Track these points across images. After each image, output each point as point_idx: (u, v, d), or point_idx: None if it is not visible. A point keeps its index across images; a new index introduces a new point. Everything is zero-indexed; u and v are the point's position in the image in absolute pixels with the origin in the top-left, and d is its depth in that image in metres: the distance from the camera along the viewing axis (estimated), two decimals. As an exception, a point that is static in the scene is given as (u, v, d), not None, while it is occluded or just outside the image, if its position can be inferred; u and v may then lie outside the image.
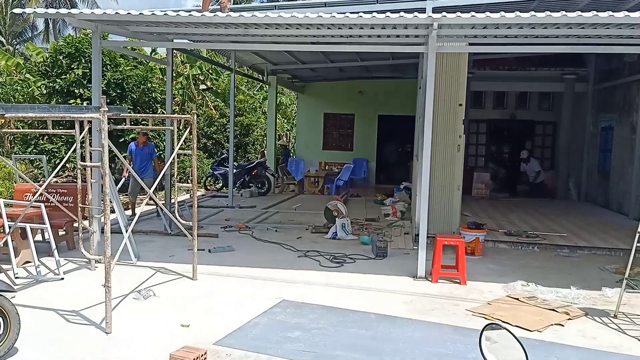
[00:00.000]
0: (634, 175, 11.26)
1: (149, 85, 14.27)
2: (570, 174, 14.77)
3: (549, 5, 8.65)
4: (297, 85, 18.17)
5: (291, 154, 21.28)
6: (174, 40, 8.99)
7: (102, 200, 5.68)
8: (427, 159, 6.71)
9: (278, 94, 19.22)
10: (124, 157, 9.40)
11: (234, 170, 13.62)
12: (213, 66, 19.70)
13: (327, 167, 17.64)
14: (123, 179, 10.67)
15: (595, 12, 5.68)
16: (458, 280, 6.49)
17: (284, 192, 15.62)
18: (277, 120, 21.18)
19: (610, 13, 5.68)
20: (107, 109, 4.57)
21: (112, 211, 6.94)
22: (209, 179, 16.01)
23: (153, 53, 18.25)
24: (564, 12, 5.75)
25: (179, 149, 6.53)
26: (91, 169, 6.32)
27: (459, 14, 6.10)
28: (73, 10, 6.52)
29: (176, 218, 6.61)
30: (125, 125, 6.74)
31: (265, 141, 19.29)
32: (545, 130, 16.28)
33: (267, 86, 16.25)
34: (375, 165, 18.16)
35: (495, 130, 16.66)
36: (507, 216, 11.27)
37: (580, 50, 7.49)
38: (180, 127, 14.82)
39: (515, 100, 16.24)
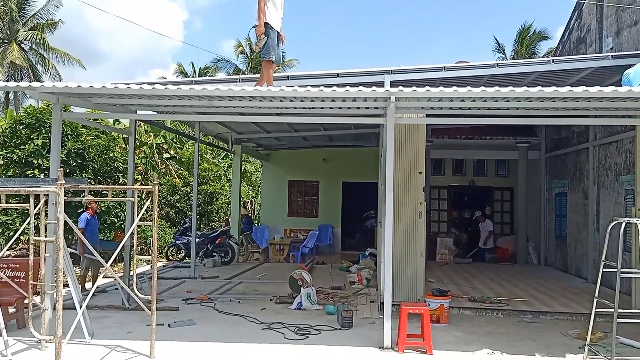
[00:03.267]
0: (590, 240, 11.61)
1: (111, 154, 14.14)
2: (530, 238, 15.12)
3: (499, 79, 9.20)
4: (262, 153, 18.36)
5: (256, 222, 21.13)
6: (138, 112, 9.03)
7: (56, 275, 5.46)
8: (389, 227, 6.77)
9: (243, 162, 19.34)
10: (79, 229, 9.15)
11: (197, 240, 13.39)
12: (177, 135, 19.80)
13: (292, 234, 17.55)
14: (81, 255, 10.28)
15: (541, 88, 6.05)
16: (424, 350, 6.39)
17: (248, 260, 15.36)
18: (242, 187, 21.19)
19: (555, 88, 6.05)
20: (64, 181, 4.50)
21: (67, 285, 6.67)
22: (171, 248, 15.66)
23: (116, 122, 18.25)
24: (512, 88, 6.09)
25: (140, 219, 6.40)
26: (45, 243, 6.11)
27: (414, 88, 6.38)
28: (34, 84, 6.52)
29: (134, 291, 6.38)
30: (84, 196, 6.61)
31: (229, 209, 19.15)
32: (504, 196, 16.76)
33: (232, 154, 16.35)
34: (340, 231, 18.21)
35: (456, 196, 17.07)
36: (470, 282, 11.33)
37: (530, 122, 7.90)
38: (143, 197, 14.62)
39: (474, 167, 16.79)
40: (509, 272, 12.99)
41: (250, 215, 19.98)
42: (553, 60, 9.26)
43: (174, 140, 20.79)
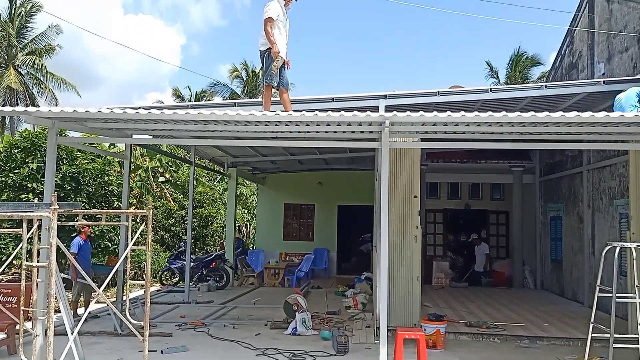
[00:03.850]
0: (585, 263, 11.59)
1: (106, 178, 14.12)
2: (526, 262, 15.08)
3: (493, 104, 9.29)
4: (257, 176, 18.38)
5: (251, 246, 21.03)
6: (134, 136, 9.06)
7: (48, 300, 5.39)
8: (384, 251, 6.75)
9: (238, 185, 19.33)
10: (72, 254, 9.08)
11: (192, 264, 13.29)
12: (173, 158, 19.82)
13: (287, 258, 17.45)
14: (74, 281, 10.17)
15: (533, 113, 6.11)
16: (420, 377, 6.31)
17: (243, 285, 15.24)
18: (238, 211, 21.12)
19: (548, 113, 6.11)
20: (57, 206, 4.48)
21: (58, 311, 6.58)
22: (165, 273, 15.52)
23: (112, 146, 18.26)
24: (505, 113, 6.15)
25: (135, 243, 6.36)
26: (37, 268, 6.04)
27: (408, 112, 6.43)
28: (30, 108, 6.54)
29: (126, 317, 6.30)
30: (78, 220, 6.58)
31: (224, 232, 19.06)
32: (499, 220, 16.77)
33: (227, 178, 16.36)
34: (336, 255, 18.13)
35: (451, 220, 17.06)
36: (466, 306, 11.26)
37: (523, 147, 7.95)
38: (137, 221, 14.54)
39: (469, 191, 16.83)
40: (505, 296, 12.92)
41: (242, 237, 19.80)
42: (545, 86, 9.38)
43: (170, 163, 20.79)
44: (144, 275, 13.86)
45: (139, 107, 6.85)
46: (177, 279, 15.11)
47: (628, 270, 7.82)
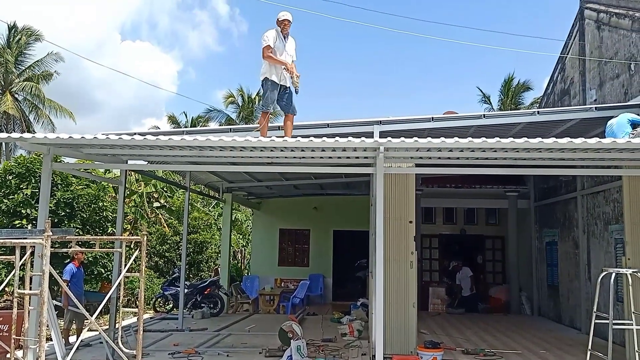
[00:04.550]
0: (582, 289, 11.53)
1: (101, 204, 14.06)
2: (522, 288, 15.01)
3: (487, 130, 9.37)
4: (252, 202, 18.34)
5: (246, 272, 20.86)
6: (129, 162, 9.06)
7: (39, 328, 5.31)
8: (380, 277, 6.71)
9: (233, 211, 19.27)
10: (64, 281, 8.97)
11: (186, 290, 13.15)
12: (168, 184, 19.80)
13: (282, 284, 17.31)
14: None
15: (526, 139, 6.17)
16: (417, 406, 6.21)
17: (237, 311, 15.07)
18: (233, 236, 21.00)
19: (541, 139, 6.17)
20: (50, 233, 4.46)
21: (50, 339, 6.48)
22: (159, 299, 15.34)
23: (107, 172, 18.26)
24: (498, 139, 6.21)
25: (128, 270, 6.30)
26: (30, 296, 5.97)
27: (403, 138, 6.48)
28: (25, 135, 6.55)
29: (119, 345, 6.20)
30: (71, 246, 6.54)
31: (219, 258, 18.92)
32: (495, 245, 16.74)
33: (222, 203, 16.32)
34: (331, 280, 17.99)
35: (447, 245, 17.02)
36: (463, 333, 11.15)
37: (517, 172, 7.99)
38: (132, 246, 14.44)
39: (464, 216, 16.83)
40: (502, 322, 12.82)
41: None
42: (538, 112, 9.48)
43: (165, 189, 20.77)
44: (137, 302, 13.73)
45: (135, 133, 6.88)
46: (171, 305, 14.93)
47: (625, 297, 7.79)
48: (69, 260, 10.58)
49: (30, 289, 5.89)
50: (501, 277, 16.25)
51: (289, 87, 7.68)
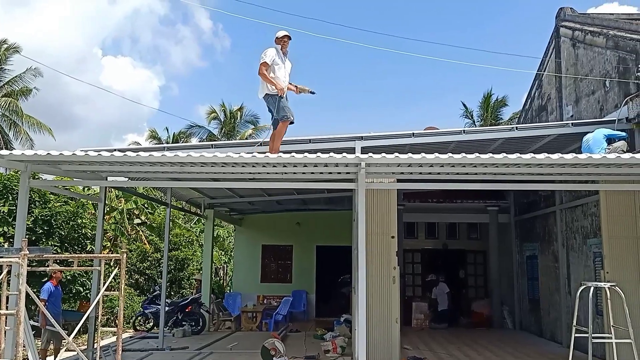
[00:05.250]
0: (562, 303, 11.64)
1: (80, 221, 13.85)
2: (504, 302, 15.09)
3: (467, 145, 9.49)
4: (235, 218, 18.22)
5: (228, 289, 20.63)
6: (109, 178, 8.97)
7: (16, 349, 5.18)
8: (362, 293, 6.70)
9: (215, 227, 19.11)
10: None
11: (167, 308, 12.96)
12: (149, 200, 19.59)
13: (265, 301, 17.16)
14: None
15: (505, 154, 6.26)
16: (401, 423, 6.17)
17: (219, 329, 14.88)
18: (214, 253, 20.80)
19: (519, 155, 6.27)
20: (27, 251, 4.37)
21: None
22: (139, 318, 15.08)
23: (87, 188, 18.01)
24: (477, 154, 6.28)
25: (107, 288, 6.20)
26: (6, 316, 5.83)
27: (383, 154, 6.52)
28: (2, 152, 6.45)
29: (97, 366, 6.08)
30: (49, 265, 6.42)
31: (201, 275, 18.70)
32: (477, 259, 16.86)
33: (204, 219, 16.19)
34: (314, 297, 17.88)
35: (429, 260, 17.08)
36: (446, 348, 11.15)
37: (496, 187, 8.11)
38: (111, 264, 14.23)
39: (446, 231, 16.94)
40: (484, 337, 12.86)
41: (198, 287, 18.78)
42: (517, 128, 9.63)
43: (145, 205, 20.53)
44: (116, 321, 13.47)
45: (115, 150, 6.82)
46: (151, 324, 14.69)
47: (604, 310, 7.89)
48: (46, 278, 10.37)
49: (7, 308, 5.75)
50: (483, 291, 16.34)
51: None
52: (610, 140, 8.19)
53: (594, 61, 10.61)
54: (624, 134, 8.44)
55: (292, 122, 7.93)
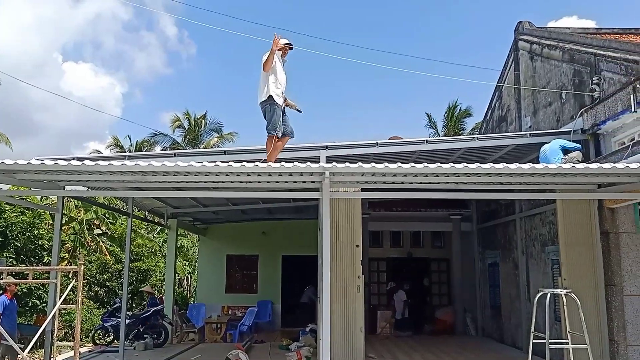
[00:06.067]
0: (523, 310, 11.88)
1: (36, 232, 13.41)
2: (467, 309, 15.32)
3: (429, 155, 9.64)
4: (199, 227, 17.97)
5: (192, 300, 20.26)
6: (67, 188, 8.71)
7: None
8: (327, 303, 6.68)
9: (179, 237, 18.79)
10: None
11: (127, 321, 12.63)
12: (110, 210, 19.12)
13: (230, 312, 16.93)
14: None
15: (465, 164, 6.38)
16: None
17: (183, 341, 14.58)
18: (178, 263, 20.43)
19: (479, 164, 6.40)
20: (-23, 264, 4.20)
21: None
22: (99, 332, 14.64)
23: (44, 198, 17.47)
24: (439, 164, 6.39)
25: (65, 301, 6.01)
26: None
27: (347, 164, 6.56)
28: (-48, 159, 6.20)
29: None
30: (3, 278, 6.18)
31: (164, 287, 18.33)
32: (440, 267, 17.08)
33: (167, 229, 15.90)
34: (280, 307, 17.75)
35: (394, 268, 17.20)
36: (410, 355, 11.23)
37: (458, 196, 8.26)
38: (69, 276, 13.80)
39: (411, 239, 17.12)
40: (448, 344, 13.00)
41: (155, 295, 18.45)
42: (477, 138, 9.84)
43: (106, 215, 20.03)
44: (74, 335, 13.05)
45: (72, 158, 6.65)
46: (111, 337, 14.28)
47: (562, 316, 8.09)
48: (1, 291, 9.99)
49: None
50: (447, 299, 16.54)
51: (284, 107, 7.75)
52: (566, 150, 8.45)
53: (551, 74, 10.95)
54: (578, 145, 8.74)
55: (279, 138, 7.59)
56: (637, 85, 7.65)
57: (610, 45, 9.35)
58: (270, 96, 7.43)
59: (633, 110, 7.78)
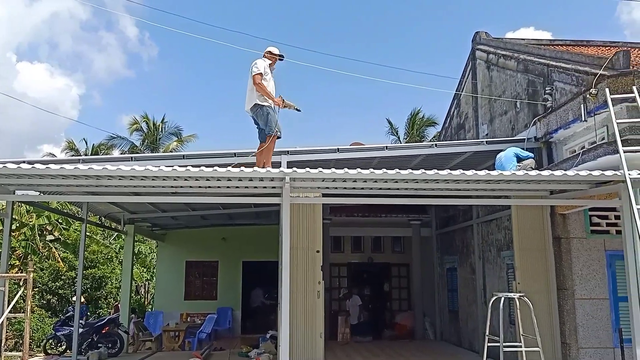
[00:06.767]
0: (479, 313, 12.13)
1: (-16, 237, 12.85)
2: (426, 313, 15.52)
3: (390, 161, 9.74)
4: (157, 233, 17.60)
5: (149, 307, 19.81)
6: (17, 192, 8.37)
7: None
8: (286, 309, 6.64)
9: (136, 243, 18.34)
10: None
11: (81, 330, 12.24)
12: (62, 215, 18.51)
13: (189, 319, 16.61)
14: None
15: (423, 170, 6.48)
16: None
17: (139, 350, 14.22)
18: (135, 270, 19.94)
19: (436, 171, 6.51)
20: None
21: None
22: (50, 341, 14.12)
23: (-6, 202, 16.76)
24: (397, 170, 6.46)
25: (15, 309, 5.77)
26: None
27: (307, 169, 6.56)
28: None
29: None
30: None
31: (119, 294, 17.85)
32: (400, 272, 17.25)
33: (124, 235, 15.50)
34: (240, 313, 17.56)
35: (355, 274, 17.28)
36: (371, 361, 11.28)
37: (417, 202, 8.34)
38: (20, 284, 13.27)
39: (372, 244, 17.24)
40: (407, 348, 13.13)
41: (86, 303, 17.79)
42: (436, 145, 10.03)
43: (59, 220, 19.37)
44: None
45: (22, 162, 6.40)
46: (64, 347, 13.78)
47: (515, 320, 8.29)
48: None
49: None
50: (407, 303, 16.72)
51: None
52: (520, 158, 8.70)
53: (507, 83, 11.27)
54: (531, 154, 9.00)
55: (279, 137, 7.82)
56: (588, 96, 7.94)
57: (562, 57, 9.70)
58: (257, 104, 7.65)
59: (583, 119, 8.07)
